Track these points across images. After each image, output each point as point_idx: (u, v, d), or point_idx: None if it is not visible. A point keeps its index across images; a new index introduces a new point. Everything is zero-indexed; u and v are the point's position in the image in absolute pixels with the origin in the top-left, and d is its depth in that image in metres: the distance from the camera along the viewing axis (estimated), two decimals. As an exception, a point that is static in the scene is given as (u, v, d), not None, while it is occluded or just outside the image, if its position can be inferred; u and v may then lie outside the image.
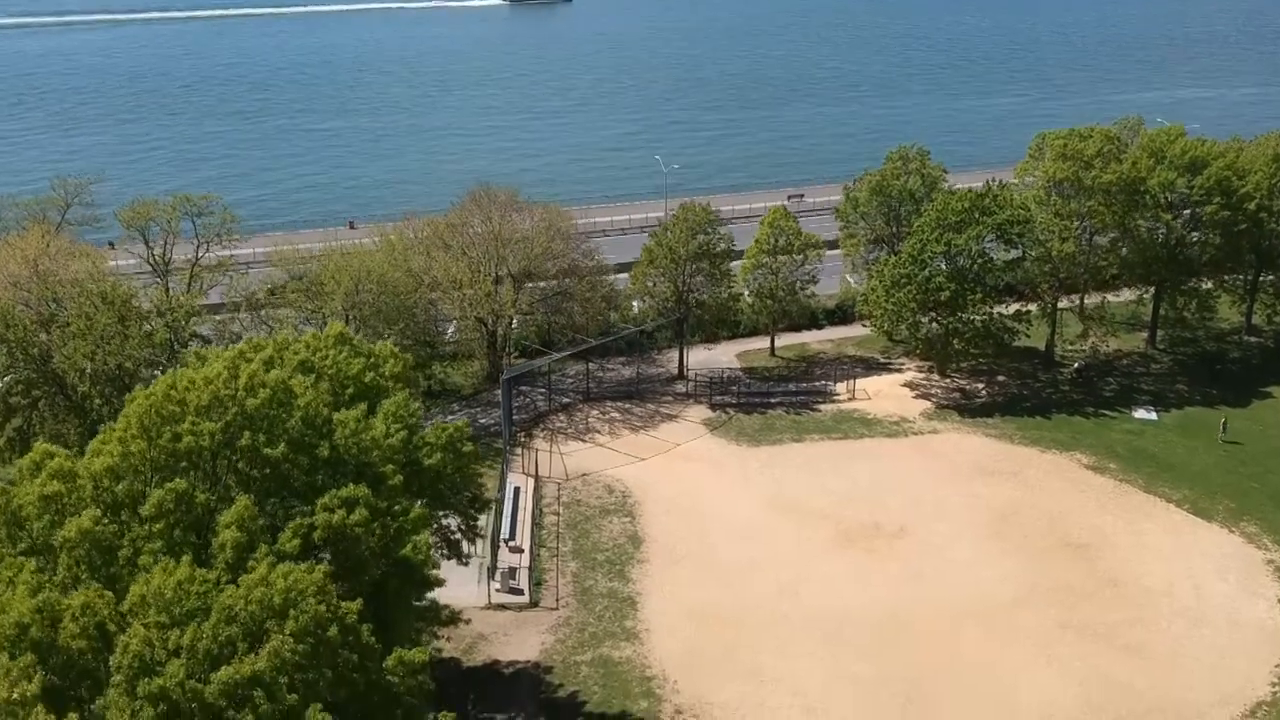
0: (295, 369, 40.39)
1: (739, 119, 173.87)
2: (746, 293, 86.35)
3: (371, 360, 44.36)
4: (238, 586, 28.81)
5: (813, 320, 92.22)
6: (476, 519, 47.81)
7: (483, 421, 75.80)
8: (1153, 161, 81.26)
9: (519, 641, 54.14)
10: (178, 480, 32.58)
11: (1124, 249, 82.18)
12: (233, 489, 34.27)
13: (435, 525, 44.81)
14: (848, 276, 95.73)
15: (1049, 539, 61.97)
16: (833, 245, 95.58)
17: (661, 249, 79.04)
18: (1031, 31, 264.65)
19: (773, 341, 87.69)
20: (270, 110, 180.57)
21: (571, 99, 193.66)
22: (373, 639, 31.10)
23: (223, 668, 26.23)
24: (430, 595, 42.43)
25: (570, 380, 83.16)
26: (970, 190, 77.90)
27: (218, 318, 71.18)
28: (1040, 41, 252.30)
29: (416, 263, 75.72)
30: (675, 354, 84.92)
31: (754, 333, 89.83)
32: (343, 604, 31.00)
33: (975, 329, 77.25)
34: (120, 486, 32.97)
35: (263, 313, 69.37)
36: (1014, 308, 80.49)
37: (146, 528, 32.11)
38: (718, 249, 79.95)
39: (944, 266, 77.65)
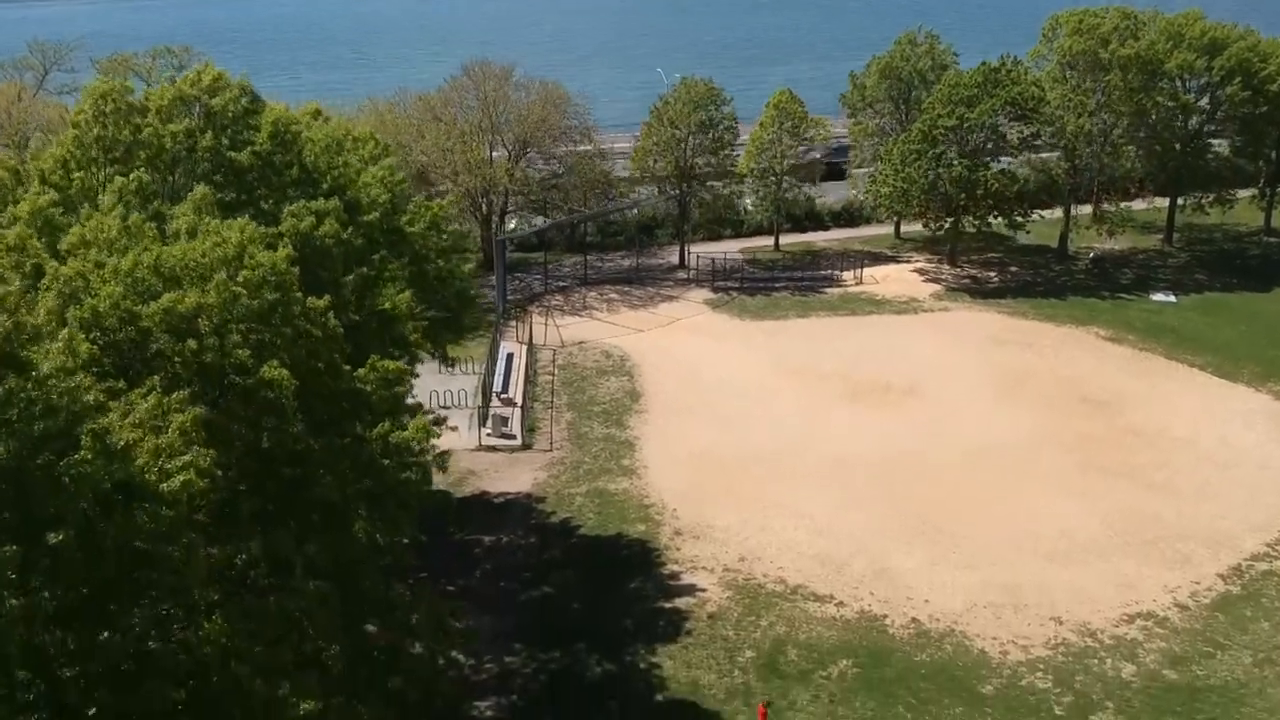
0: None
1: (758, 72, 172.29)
2: (748, 195, 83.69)
3: (349, 137, 41.50)
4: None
5: (818, 222, 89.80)
6: (462, 315, 44.86)
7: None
8: (1171, 45, 78.39)
9: (511, 477, 51.26)
10: (140, 171, 29.73)
11: (1141, 132, 79.08)
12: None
13: (416, 311, 41.81)
14: (852, 191, 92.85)
15: (1067, 398, 58.95)
16: (839, 174, 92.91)
17: (662, 124, 76.08)
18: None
19: (777, 238, 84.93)
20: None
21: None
22: (341, 332, 28.14)
23: (164, 295, 23.18)
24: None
25: (567, 269, 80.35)
26: (985, 63, 74.98)
27: None
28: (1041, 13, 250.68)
29: (406, 136, 72.79)
30: (676, 248, 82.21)
31: (758, 232, 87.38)
32: (310, 299, 28.01)
33: (988, 201, 74.12)
34: (75, 178, 30.15)
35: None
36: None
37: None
38: (721, 126, 76.97)
39: (955, 150, 74.72)
